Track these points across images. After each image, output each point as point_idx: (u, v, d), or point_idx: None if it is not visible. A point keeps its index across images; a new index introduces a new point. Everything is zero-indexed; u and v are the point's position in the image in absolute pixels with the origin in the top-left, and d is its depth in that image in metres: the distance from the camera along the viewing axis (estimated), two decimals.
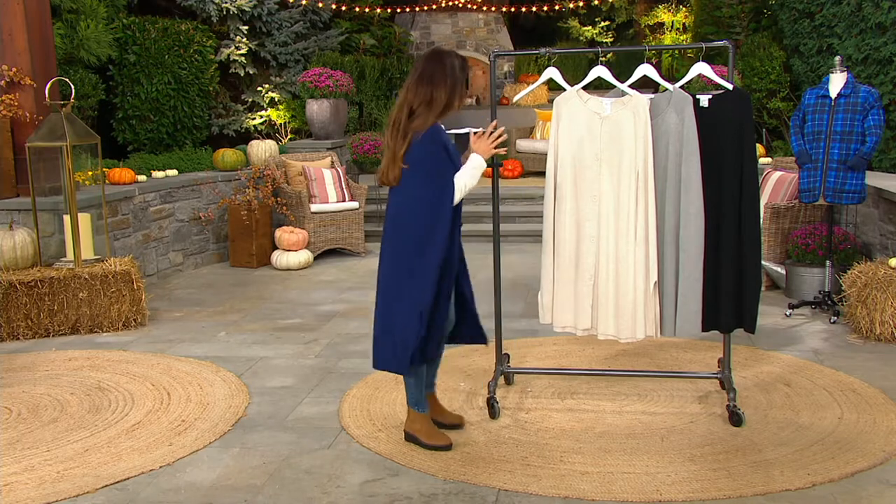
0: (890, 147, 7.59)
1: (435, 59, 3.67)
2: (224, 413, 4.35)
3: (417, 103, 3.62)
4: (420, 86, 3.62)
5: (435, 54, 3.70)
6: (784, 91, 9.22)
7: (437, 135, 3.65)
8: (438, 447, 3.84)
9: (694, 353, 5.19)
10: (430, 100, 3.61)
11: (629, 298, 4.02)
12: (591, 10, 16.94)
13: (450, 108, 3.67)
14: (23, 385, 4.84)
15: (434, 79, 3.61)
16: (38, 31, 6.58)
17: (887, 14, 7.46)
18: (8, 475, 3.66)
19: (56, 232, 6.38)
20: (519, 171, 11.12)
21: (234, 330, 5.96)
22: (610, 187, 4.02)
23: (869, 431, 3.94)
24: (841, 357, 5.06)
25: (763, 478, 3.50)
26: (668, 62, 13.20)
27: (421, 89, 3.62)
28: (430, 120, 3.62)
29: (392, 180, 3.68)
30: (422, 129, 3.61)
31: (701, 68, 4.12)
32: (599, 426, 4.08)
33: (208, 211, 8.19)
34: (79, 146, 6.56)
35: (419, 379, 3.85)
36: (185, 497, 3.46)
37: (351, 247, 8.46)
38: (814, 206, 6.61)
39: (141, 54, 9.26)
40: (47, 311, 5.86)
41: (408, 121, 3.63)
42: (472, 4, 15.77)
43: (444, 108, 3.64)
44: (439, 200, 3.64)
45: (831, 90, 5.69)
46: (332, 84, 9.89)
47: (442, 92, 3.61)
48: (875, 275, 5.37)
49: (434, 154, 3.63)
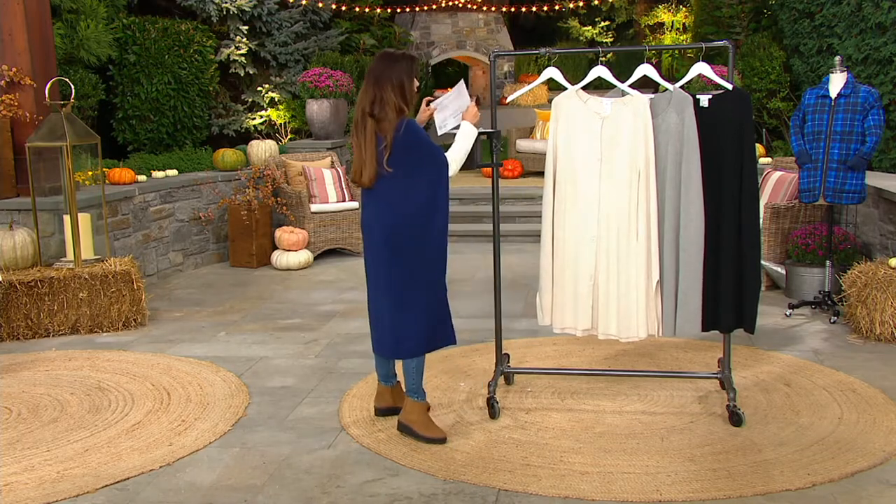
0: (890, 147, 7.59)
1: (379, 60, 3.83)
2: (224, 413, 4.35)
3: (368, 104, 3.77)
4: (368, 88, 3.79)
5: (380, 56, 3.87)
6: (784, 91, 9.22)
7: (412, 126, 3.79)
8: (434, 439, 3.88)
9: (694, 353, 5.19)
10: (381, 100, 3.75)
11: (631, 298, 4.02)
12: (591, 10, 16.95)
13: (406, 106, 3.79)
14: (23, 385, 4.85)
15: (381, 80, 3.76)
16: (38, 31, 6.58)
17: (887, 14, 7.46)
18: (8, 475, 3.66)
19: (56, 232, 6.38)
20: (519, 171, 11.12)
21: (234, 330, 5.96)
22: (610, 187, 4.02)
23: (869, 431, 3.94)
24: (841, 357, 5.06)
25: (763, 478, 3.50)
26: (668, 62, 13.20)
27: (370, 91, 3.78)
28: (392, 115, 3.75)
29: (367, 181, 3.82)
30: (390, 130, 3.74)
31: (701, 68, 4.12)
32: (599, 426, 4.08)
33: (208, 211, 8.19)
34: (79, 146, 6.56)
35: (420, 364, 3.94)
36: (185, 497, 3.46)
37: (351, 247, 8.46)
38: (814, 206, 6.61)
39: (141, 54, 9.26)
40: (47, 311, 5.86)
41: (373, 122, 3.76)
42: (472, 4, 15.77)
43: (399, 106, 3.76)
44: (438, 181, 3.82)
45: (831, 90, 5.69)
46: (332, 84, 9.89)
47: (389, 92, 3.75)
48: (875, 275, 5.37)
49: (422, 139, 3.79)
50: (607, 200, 4.03)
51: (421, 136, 3.80)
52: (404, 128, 3.75)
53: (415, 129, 3.79)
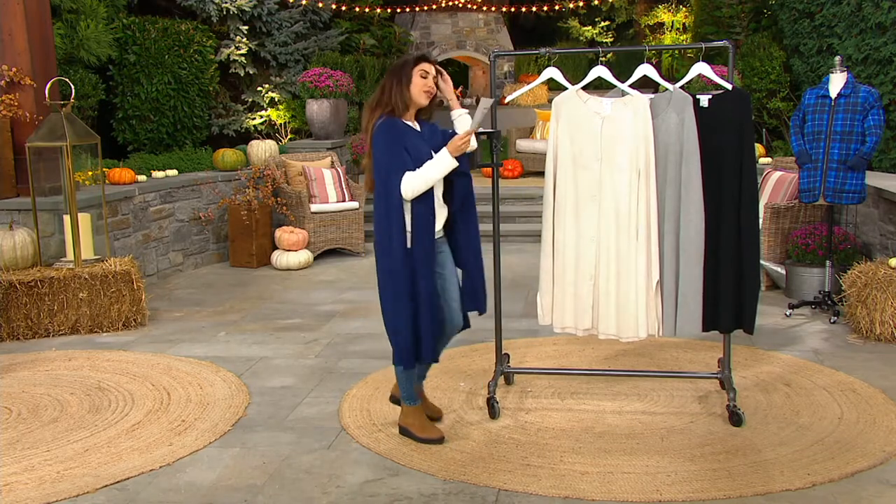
0: (890, 147, 7.59)
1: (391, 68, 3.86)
2: (224, 413, 4.35)
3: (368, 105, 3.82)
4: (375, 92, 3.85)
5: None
6: (784, 91, 9.22)
7: (381, 129, 3.69)
8: (430, 440, 3.89)
9: (694, 353, 5.19)
10: (377, 98, 3.78)
11: (631, 298, 4.02)
12: (591, 10, 16.95)
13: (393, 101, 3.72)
14: (23, 385, 4.85)
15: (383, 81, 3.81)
16: (38, 31, 6.58)
17: (887, 14, 7.46)
18: (8, 475, 3.66)
19: (56, 232, 6.38)
20: (519, 171, 11.12)
21: (234, 330, 5.96)
22: (610, 187, 4.02)
23: (869, 431, 3.94)
24: (841, 357, 5.06)
25: (763, 478, 3.50)
26: (668, 62, 13.20)
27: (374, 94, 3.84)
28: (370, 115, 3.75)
29: (368, 187, 3.85)
30: (368, 130, 3.75)
31: (701, 68, 4.11)
32: (599, 426, 4.08)
33: (208, 211, 8.19)
34: (79, 146, 6.56)
35: (409, 375, 3.90)
36: (185, 497, 3.46)
37: (351, 247, 8.46)
38: (814, 206, 6.61)
39: (141, 54, 9.26)
40: (47, 311, 5.86)
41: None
42: (472, 4, 15.77)
43: (383, 102, 3.73)
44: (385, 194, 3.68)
45: (831, 90, 5.69)
46: (332, 84, 9.89)
47: (387, 92, 3.74)
48: (875, 275, 5.37)
49: (377, 147, 3.70)
50: (607, 200, 4.03)
51: (376, 139, 3.69)
52: (374, 129, 3.72)
53: (377, 130, 3.69)
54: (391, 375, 4.78)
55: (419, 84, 3.75)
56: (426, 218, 3.70)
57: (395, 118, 3.73)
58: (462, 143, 3.70)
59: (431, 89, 3.80)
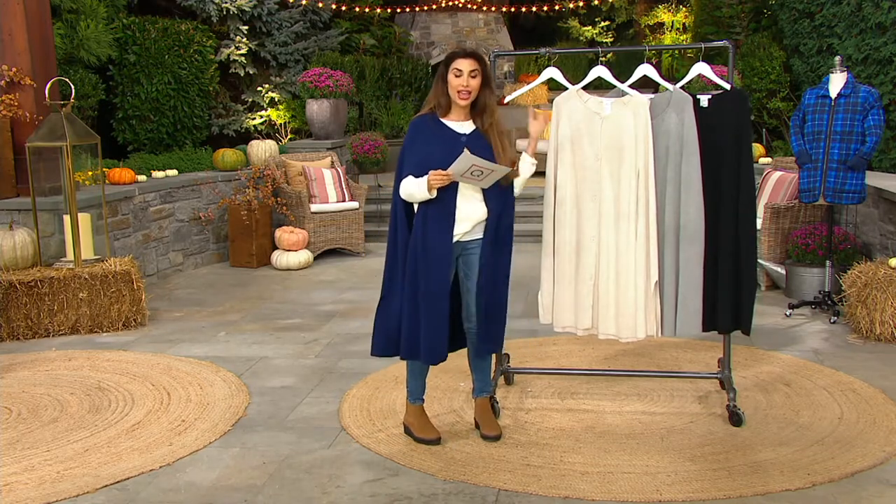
0: (890, 147, 7.59)
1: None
2: (224, 413, 4.35)
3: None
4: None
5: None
6: (784, 91, 9.22)
7: (410, 126, 3.77)
8: (426, 440, 3.89)
9: (694, 353, 5.19)
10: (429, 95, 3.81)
11: (630, 298, 4.02)
12: (591, 10, 16.94)
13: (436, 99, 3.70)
14: (23, 385, 4.84)
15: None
16: (38, 31, 6.58)
17: (887, 14, 7.46)
18: (8, 475, 3.66)
19: (56, 232, 6.38)
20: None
21: (234, 330, 5.96)
22: (610, 187, 4.02)
23: (869, 431, 3.94)
24: (841, 357, 5.06)
25: (763, 478, 3.50)
26: (668, 62, 13.19)
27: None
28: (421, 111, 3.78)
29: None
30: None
31: (701, 68, 4.12)
32: (599, 426, 4.08)
33: (208, 211, 8.19)
34: (79, 146, 6.55)
35: (414, 371, 3.92)
36: (185, 497, 3.46)
37: (351, 247, 8.46)
38: (814, 206, 6.61)
39: (141, 54, 9.26)
40: (47, 311, 5.86)
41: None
42: (472, 4, 15.77)
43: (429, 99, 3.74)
44: (396, 189, 3.74)
45: (831, 90, 5.69)
46: (332, 84, 9.89)
47: (433, 89, 3.74)
48: (875, 275, 5.37)
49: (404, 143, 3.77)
50: (607, 200, 4.03)
51: (406, 135, 3.77)
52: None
53: (409, 126, 3.78)
54: (391, 375, 4.79)
55: (453, 84, 3.61)
56: (438, 220, 3.63)
57: (428, 116, 3.70)
58: (436, 182, 3.51)
59: (465, 90, 3.60)
